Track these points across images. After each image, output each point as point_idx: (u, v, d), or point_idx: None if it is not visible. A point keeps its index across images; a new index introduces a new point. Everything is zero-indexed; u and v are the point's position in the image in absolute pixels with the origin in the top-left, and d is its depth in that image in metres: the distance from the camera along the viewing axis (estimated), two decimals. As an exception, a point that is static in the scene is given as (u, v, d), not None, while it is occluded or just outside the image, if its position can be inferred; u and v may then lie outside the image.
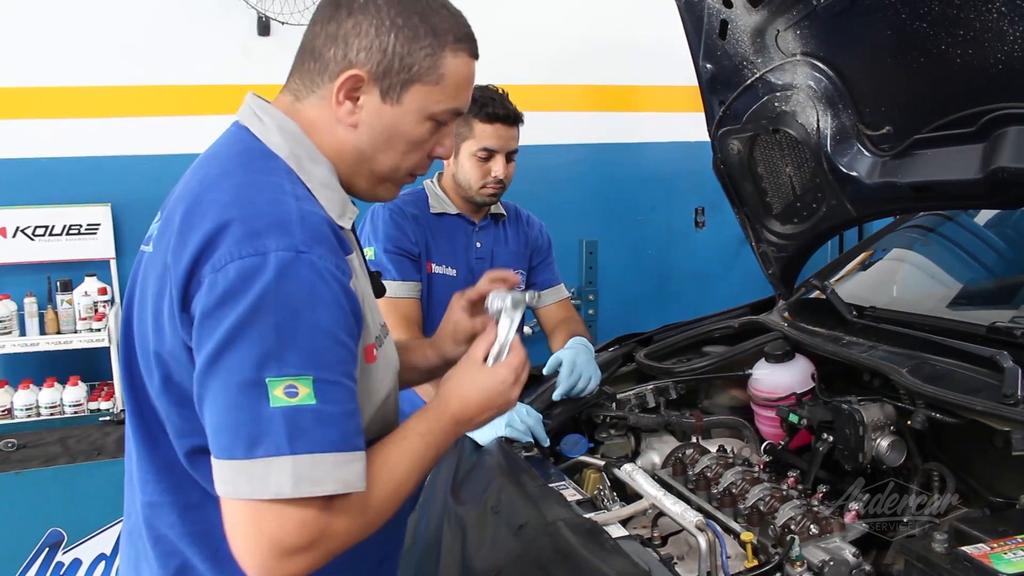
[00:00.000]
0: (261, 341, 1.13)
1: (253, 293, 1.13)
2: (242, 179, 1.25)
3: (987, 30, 1.73)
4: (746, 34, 2.33)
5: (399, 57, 1.31)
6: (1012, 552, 1.42)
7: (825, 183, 2.40)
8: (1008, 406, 1.75)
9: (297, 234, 1.18)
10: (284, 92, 1.39)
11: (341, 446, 1.17)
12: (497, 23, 4.61)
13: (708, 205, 5.14)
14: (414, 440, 1.35)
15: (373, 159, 1.37)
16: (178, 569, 1.33)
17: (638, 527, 1.94)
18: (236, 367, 1.13)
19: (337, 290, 1.20)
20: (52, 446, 3.41)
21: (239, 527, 1.16)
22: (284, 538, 1.14)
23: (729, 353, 2.55)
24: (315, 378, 1.15)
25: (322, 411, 1.15)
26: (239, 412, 1.13)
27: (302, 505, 1.14)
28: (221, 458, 1.15)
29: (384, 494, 1.27)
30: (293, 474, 1.12)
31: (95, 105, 4.02)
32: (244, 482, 1.13)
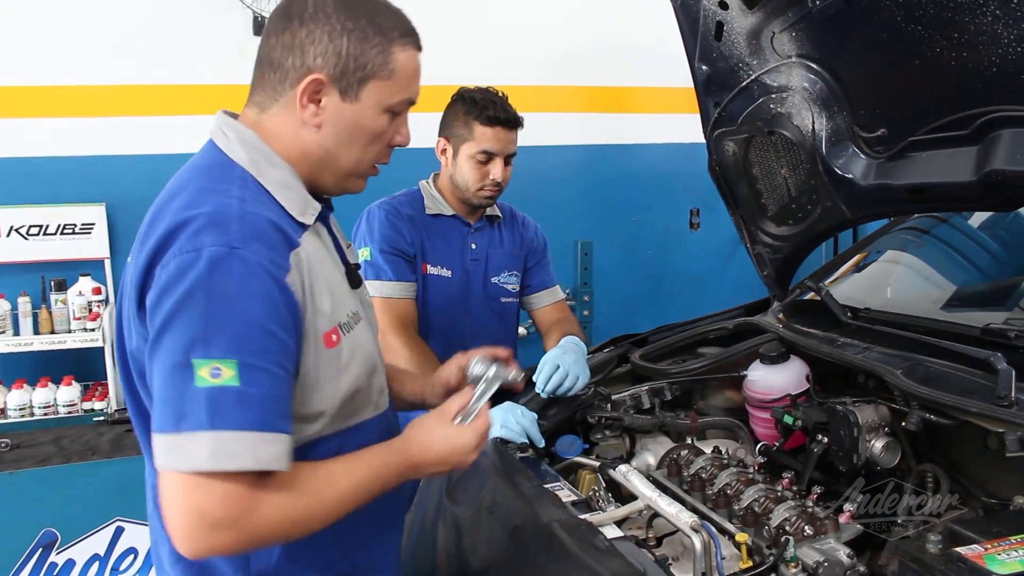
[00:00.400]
0: (190, 326, 1.24)
1: (185, 284, 1.25)
2: (197, 187, 1.38)
3: (981, 33, 1.74)
4: (742, 36, 2.33)
5: (353, 58, 1.42)
6: (1006, 553, 1.42)
7: (820, 185, 2.41)
8: (1002, 407, 1.75)
9: (233, 232, 1.29)
10: (249, 106, 1.49)
11: (260, 427, 1.25)
12: (493, 24, 4.63)
13: (703, 206, 5.15)
14: (363, 466, 1.42)
15: (338, 155, 1.48)
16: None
17: (633, 528, 1.94)
18: (169, 350, 1.25)
19: (269, 283, 1.30)
20: (46, 446, 3.40)
21: (170, 498, 1.25)
22: (209, 511, 1.23)
23: (724, 354, 2.56)
24: (239, 362, 1.24)
25: (244, 393, 1.24)
26: (170, 390, 1.25)
27: (228, 481, 1.23)
28: (156, 432, 1.26)
29: (317, 500, 1.34)
30: (211, 448, 1.22)
31: (90, 104, 4.01)
32: (172, 454, 1.23)
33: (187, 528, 1.24)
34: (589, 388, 2.48)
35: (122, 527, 3.26)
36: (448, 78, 4.55)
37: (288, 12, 1.44)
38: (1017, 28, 1.67)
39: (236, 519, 1.24)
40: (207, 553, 1.29)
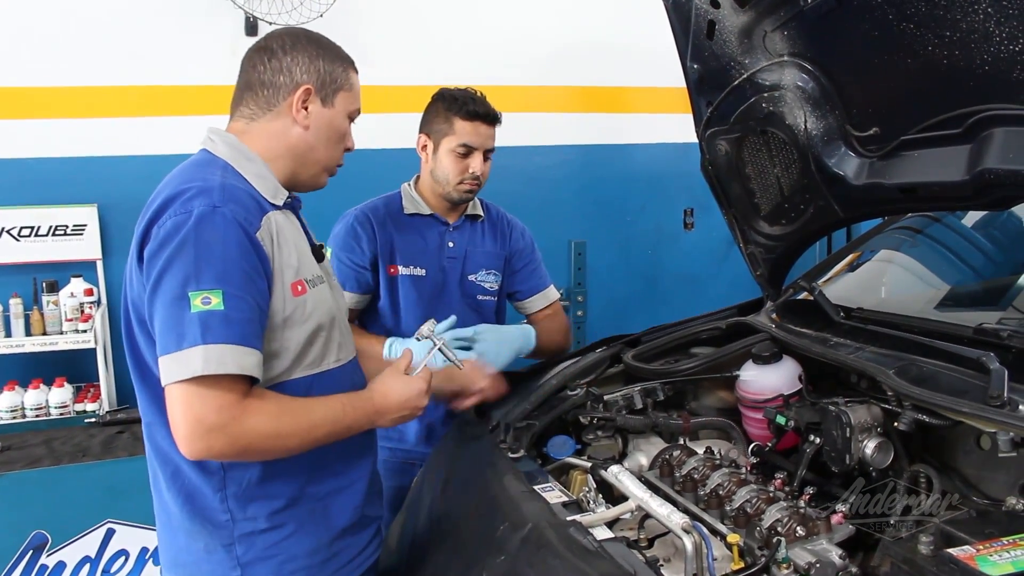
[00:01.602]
0: (184, 267, 1.61)
1: (180, 236, 1.63)
2: (189, 172, 1.77)
3: (973, 31, 1.73)
4: (734, 35, 2.32)
5: (328, 73, 1.89)
6: (998, 554, 1.42)
7: (813, 184, 2.40)
8: (994, 408, 1.74)
9: (216, 196, 1.67)
10: (236, 120, 1.90)
11: (241, 341, 1.61)
12: (486, 25, 4.63)
13: (697, 206, 5.15)
14: (335, 404, 1.80)
15: (318, 150, 1.91)
16: (173, 473, 1.80)
17: (624, 529, 1.94)
18: (168, 287, 1.61)
19: (242, 234, 1.67)
20: (37, 448, 3.39)
21: (174, 408, 1.60)
22: (205, 416, 1.57)
23: (717, 354, 2.55)
24: (224, 291, 1.61)
25: (228, 315, 1.60)
26: (171, 319, 1.60)
27: (221, 391, 1.58)
28: (162, 354, 1.61)
29: (295, 420, 1.71)
30: (204, 358, 1.57)
31: (82, 105, 4.00)
32: (175, 368, 1.58)
33: (188, 432, 1.58)
34: (581, 388, 2.48)
35: (113, 529, 3.25)
36: (442, 78, 4.54)
37: (270, 47, 1.88)
38: (1009, 26, 1.66)
39: (226, 425, 1.59)
40: (204, 454, 1.62)
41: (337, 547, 1.90)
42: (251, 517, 1.80)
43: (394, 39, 4.44)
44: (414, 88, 4.48)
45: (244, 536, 1.79)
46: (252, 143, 1.86)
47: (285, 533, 1.82)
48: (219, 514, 1.78)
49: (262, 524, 1.80)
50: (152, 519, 2.84)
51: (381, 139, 4.18)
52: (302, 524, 1.84)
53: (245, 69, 1.90)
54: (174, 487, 1.80)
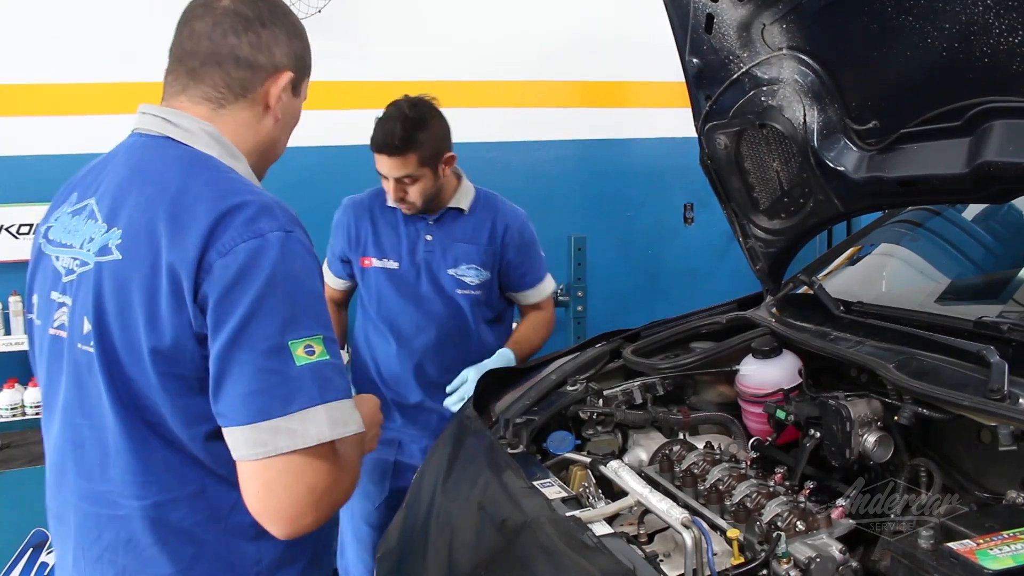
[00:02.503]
0: (280, 309, 1.31)
1: (266, 269, 1.31)
2: (210, 178, 1.41)
3: (972, 23, 1.72)
4: (732, 28, 2.31)
5: (300, 58, 1.58)
6: (998, 548, 1.41)
7: (812, 178, 2.39)
8: (995, 401, 1.74)
9: (281, 217, 1.37)
10: (194, 102, 1.52)
11: (349, 392, 1.39)
12: (484, 20, 4.62)
13: (697, 201, 5.14)
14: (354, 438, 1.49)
15: (279, 144, 1.62)
16: (192, 558, 1.43)
17: (624, 525, 1.93)
18: (262, 336, 1.29)
19: (316, 263, 1.42)
20: (36, 445, 3.39)
21: (278, 482, 1.32)
22: (317, 483, 1.33)
23: (716, 349, 2.54)
24: (324, 336, 1.35)
25: (336, 364, 1.36)
26: (270, 376, 1.29)
27: (326, 454, 1.34)
28: (256, 421, 1.29)
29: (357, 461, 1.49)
30: (329, 420, 1.32)
31: (81, 102, 3.99)
32: (285, 437, 1.30)
33: (298, 506, 1.34)
34: (581, 383, 2.48)
35: (113, 527, 3.25)
36: (440, 74, 4.56)
37: (245, 14, 1.51)
38: (1008, 18, 1.65)
39: (332, 487, 1.37)
40: (310, 527, 1.37)
41: None
42: None
43: (392, 35, 4.43)
44: (412, 84, 4.47)
45: None
46: (225, 134, 1.53)
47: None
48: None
49: None
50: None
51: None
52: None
53: (207, 36, 1.51)
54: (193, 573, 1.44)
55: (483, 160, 4.64)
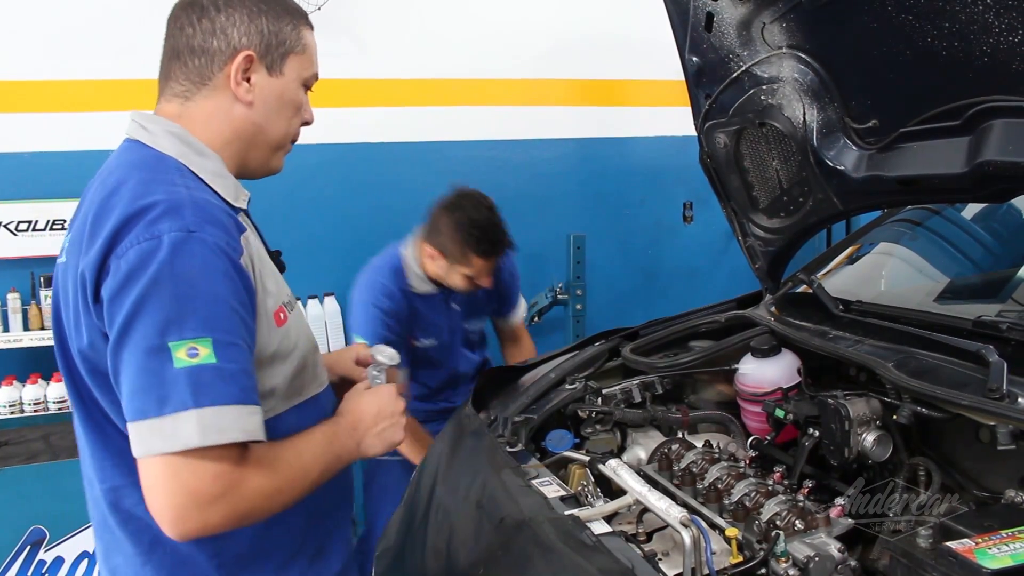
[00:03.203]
0: (161, 310, 1.29)
1: (150, 270, 1.30)
2: (140, 179, 1.42)
3: (972, 23, 1.72)
4: (732, 27, 2.31)
5: (273, 35, 1.54)
6: (997, 547, 1.41)
7: (811, 177, 2.39)
8: (993, 400, 1.74)
9: (188, 216, 1.35)
10: (167, 100, 1.55)
11: (241, 399, 1.33)
12: (484, 17, 4.62)
13: (696, 200, 5.13)
14: (318, 437, 1.53)
15: (268, 129, 1.57)
16: (151, 543, 1.49)
17: (623, 523, 1.93)
18: (142, 336, 1.29)
19: (227, 264, 1.36)
20: (34, 443, 3.39)
21: (157, 483, 1.30)
22: (199, 488, 1.29)
23: (715, 348, 2.54)
24: (214, 339, 1.31)
25: (223, 369, 1.31)
26: (148, 376, 1.29)
27: (215, 458, 1.30)
28: (136, 420, 1.30)
29: (290, 472, 1.43)
30: (199, 425, 1.27)
31: (80, 99, 3.98)
32: (158, 439, 1.28)
33: (178, 509, 1.29)
34: (580, 382, 2.48)
35: (111, 524, 3.25)
36: (440, 72, 4.56)
37: (199, 2, 1.53)
38: (1008, 17, 1.65)
39: (225, 494, 1.31)
40: (198, 532, 1.32)
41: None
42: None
43: (392, 32, 4.42)
44: (411, 82, 4.49)
45: None
46: (194, 129, 1.53)
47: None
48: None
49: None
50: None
51: (379, 133, 4.18)
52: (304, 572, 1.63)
53: (171, 33, 1.55)
54: (152, 561, 1.50)
55: (482, 158, 4.64)
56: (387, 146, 4.36)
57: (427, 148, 4.55)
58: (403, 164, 4.48)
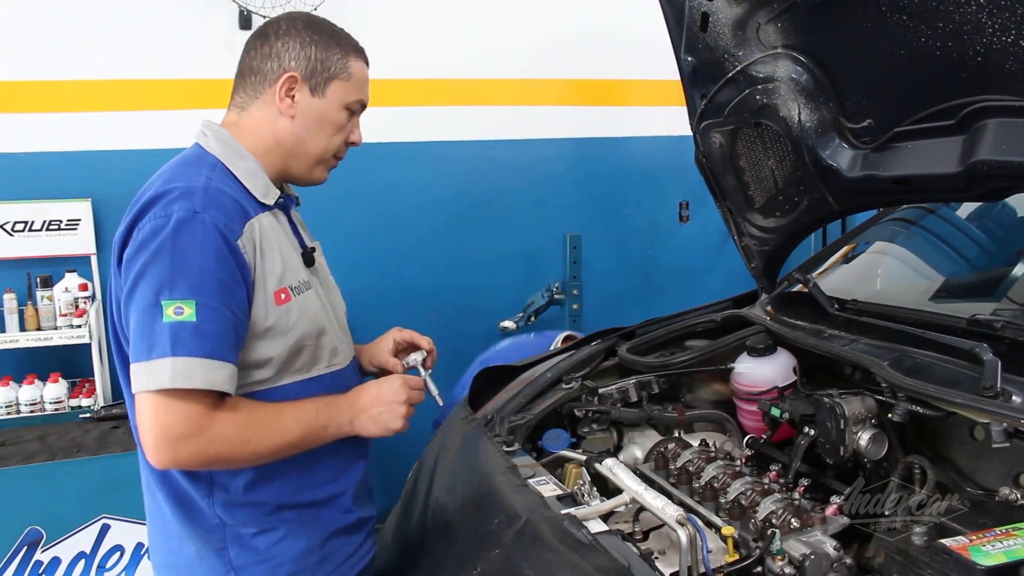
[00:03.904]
0: (159, 274, 1.57)
1: (156, 241, 1.59)
2: (175, 171, 1.73)
3: (966, 23, 1.73)
4: (727, 27, 2.31)
5: (320, 61, 1.81)
6: (991, 544, 1.42)
7: (807, 176, 2.40)
8: (987, 398, 1.75)
9: (197, 200, 1.63)
10: (230, 110, 1.86)
11: (212, 355, 1.57)
12: (481, 18, 4.62)
13: (693, 199, 5.12)
14: (307, 405, 1.77)
15: (307, 142, 1.84)
16: (163, 477, 1.77)
17: (619, 522, 1.94)
18: (142, 294, 1.58)
19: (221, 242, 1.62)
20: (31, 443, 3.38)
21: (142, 417, 1.58)
22: (171, 426, 1.56)
23: (711, 347, 2.55)
24: (197, 302, 1.57)
25: (200, 327, 1.56)
26: (143, 326, 1.57)
27: (187, 401, 1.56)
28: (133, 361, 1.58)
29: (263, 427, 1.68)
30: (172, 371, 1.54)
31: (75, 99, 3.98)
32: (144, 378, 1.56)
33: (154, 441, 1.57)
34: (576, 381, 2.48)
35: (108, 524, 3.24)
36: (436, 72, 4.56)
37: (265, 32, 1.83)
38: (1001, 17, 1.66)
39: (193, 434, 1.57)
40: (171, 464, 1.62)
41: (330, 548, 1.88)
42: (241, 522, 1.78)
43: (387, 33, 4.42)
44: (406, 82, 4.49)
45: (235, 540, 1.77)
46: (243, 135, 1.81)
47: (276, 537, 1.80)
48: (210, 519, 1.76)
49: (252, 528, 1.78)
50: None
51: (375, 133, 4.17)
52: (292, 528, 1.82)
53: (241, 56, 1.86)
54: (163, 490, 1.78)
55: (478, 158, 4.64)
56: (382, 146, 4.36)
57: (422, 148, 4.56)
58: (399, 164, 4.48)
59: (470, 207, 4.65)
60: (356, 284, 3.65)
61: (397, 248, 4.55)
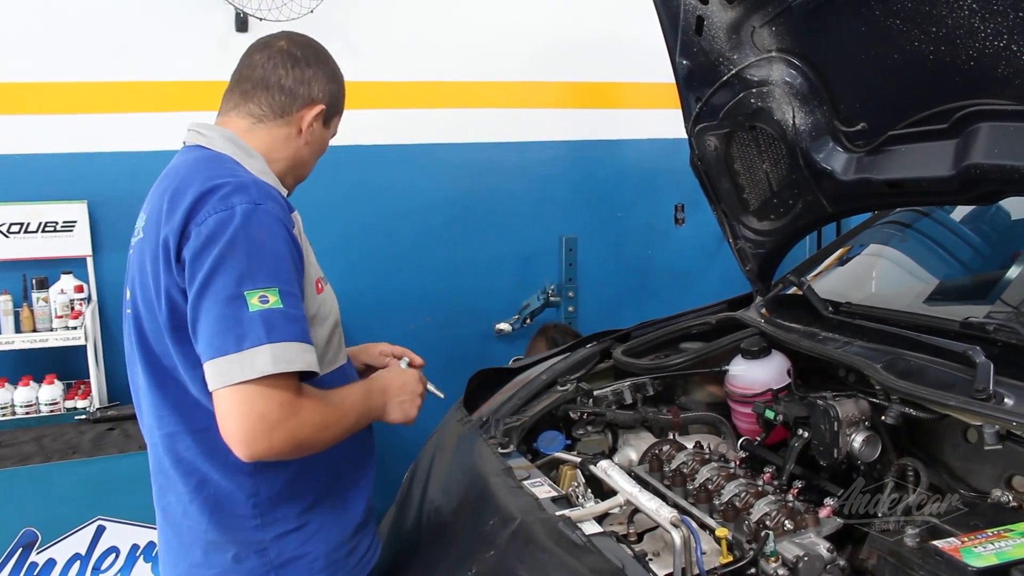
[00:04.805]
0: (237, 266, 1.57)
1: (227, 234, 1.59)
2: (209, 168, 1.72)
3: (959, 27, 1.74)
4: (722, 30, 2.33)
5: (336, 98, 1.94)
6: (983, 546, 1.43)
7: (801, 179, 2.41)
8: (980, 401, 1.76)
9: (254, 193, 1.65)
10: (239, 116, 1.86)
11: (302, 337, 1.61)
12: (476, 20, 4.62)
13: (688, 202, 5.13)
14: (357, 389, 1.85)
15: (307, 165, 1.97)
16: (199, 483, 1.76)
17: (614, 523, 1.94)
18: (221, 287, 1.57)
19: (284, 232, 1.67)
20: (26, 445, 3.37)
21: (232, 409, 1.55)
22: (268, 413, 1.55)
23: (706, 349, 2.56)
24: (280, 289, 1.60)
25: (287, 312, 1.59)
26: (227, 320, 1.56)
27: (281, 388, 1.57)
28: (216, 357, 1.55)
29: (338, 411, 1.72)
30: (272, 357, 1.54)
31: (72, 101, 3.97)
32: (237, 369, 1.54)
33: (250, 432, 1.55)
34: (571, 383, 2.49)
35: (103, 526, 3.23)
36: (432, 74, 4.56)
37: (294, 54, 1.87)
38: (993, 22, 1.67)
39: (287, 419, 1.57)
40: (265, 452, 1.58)
41: (355, 541, 1.91)
42: (280, 519, 1.79)
43: (384, 35, 4.42)
44: (403, 84, 4.49)
45: (276, 539, 1.78)
46: (253, 142, 1.84)
47: (311, 531, 1.82)
48: (248, 520, 1.76)
49: (291, 524, 1.80)
50: (143, 516, 2.83)
51: (370, 136, 4.18)
52: (325, 522, 1.84)
53: (261, 66, 1.86)
54: (199, 498, 1.77)
55: (474, 161, 4.64)
56: (378, 149, 4.36)
57: (418, 151, 4.55)
58: (395, 167, 4.48)
59: (466, 209, 4.65)
60: (352, 286, 3.65)
61: (393, 250, 4.55)
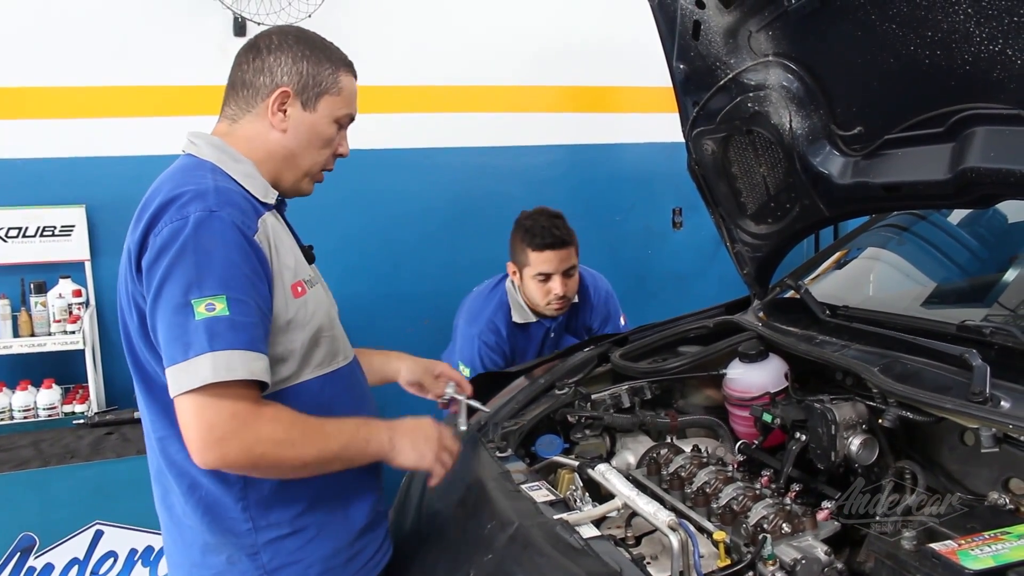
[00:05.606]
0: (185, 274, 1.58)
1: (178, 243, 1.59)
2: (178, 178, 1.72)
3: (954, 31, 1.74)
4: (719, 35, 2.33)
5: (311, 76, 1.84)
6: (979, 548, 1.43)
7: (798, 183, 2.41)
8: (976, 404, 1.76)
9: (211, 199, 1.64)
10: (220, 121, 1.89)
11: (249, 346, 1.59)
12: (475, 25, 4.63)
13: (686, 206, 5.15)
14: (348, 420, 1.80)
15: (298, 155, 1.87)
16: (190, 486, 1.76)
17: (611, 527, 1.94)
18: (170, 296, 1.58)
19: (241, 238, 1.64)
20: (24, 449, 3.37)
21: (186, 418, 1.57)
22: (218, 423, 1.55)
23: (704, 353, 2.56)
24: (228, 296, 1.58)
25: (234, 320, 1.58)
26: (175, 328, 1.57)
27: (232, 399, 1.56)
28: (169, 365, 1.57)
29: (306, 429, 1.68)
30: (213, 365, 1.54)
31: (70, 106, 3.98)
32: (183, 378, 1.55)
33: (200, 441, 1.56)
34: (569, 387, 2.49)
35: (101, 530, 3.23)
36: (431, 78, 4.57)
37: (257, 45, 1.85)
38: (989, 27, 1.67)
39: (239, 431, 1.56)
40: (217, 463, 1.59)
41: (358, 546, 1.89)
42: (274, 523, 1.77)
43: (383, 39, 4.43)
44: (403, 88, 4.50)
45: (269, 543, 1.77)
46: (236, 145, 1.82)
47: (308, 537, 1.80)
48: (240, 523, 1.76)
49: (285, 529, 1.78)
50: (141, 520, 2.83)
51: (369, 140, 4.18)
52: (323, 527, 1.82)
53: (232, 67, 1.87)
54: (192, 500, 1.76)
55: (472, 165, 4.66)
56: (377, 153, 4.37)
57: (417, 155, 4.57)
58: (393, 171, 4.49)
59: (464, 213, 4.66)
60: (350, 290, 3.66)
61: (391, 254, 4.56)
